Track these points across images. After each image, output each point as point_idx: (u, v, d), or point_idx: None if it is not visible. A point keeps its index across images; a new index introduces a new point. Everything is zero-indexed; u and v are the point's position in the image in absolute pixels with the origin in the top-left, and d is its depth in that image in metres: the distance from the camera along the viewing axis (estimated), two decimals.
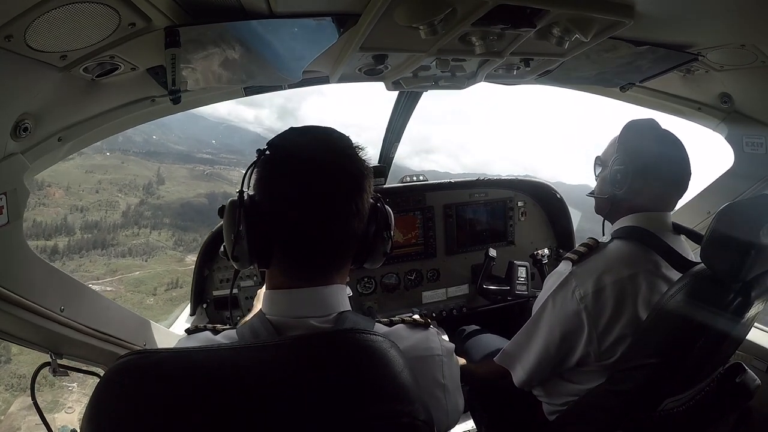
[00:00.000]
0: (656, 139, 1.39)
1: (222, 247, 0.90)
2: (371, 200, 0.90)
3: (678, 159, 1.37)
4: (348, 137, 0.89)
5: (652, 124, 1.44)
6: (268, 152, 0.84)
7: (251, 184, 0.86)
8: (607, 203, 1.48)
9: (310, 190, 0.80)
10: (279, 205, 0.82)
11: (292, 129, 0.88)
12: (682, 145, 1.38)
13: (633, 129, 1.43)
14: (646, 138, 1.39)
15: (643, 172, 1.35)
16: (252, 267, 0.89)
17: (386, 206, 0.94)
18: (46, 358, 1.35)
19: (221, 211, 0.88)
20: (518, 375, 1.43)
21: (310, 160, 0.82)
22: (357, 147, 0.88)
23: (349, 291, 2.06)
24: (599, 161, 1.54)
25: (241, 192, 0.85)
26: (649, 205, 1.38)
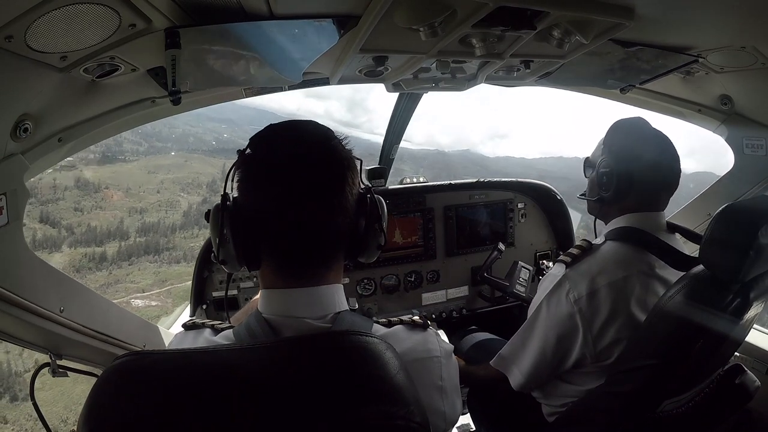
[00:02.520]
0: (642, 140, 1.38)
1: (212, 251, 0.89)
2: (361, 191, 0.87)
3: (665, 158, 1.36)
4: (329, 129, 0.87)
5: (638, 123, 1.42)
6: (248, 151, 0.83)
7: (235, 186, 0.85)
8: (597, 205, 1.48)
9: (289, 188, 0.79)
10: (260, 204, 0.81)
11: (270, 126, 0.86)
12: (670, 144, 1.37)
13: (618, 130, 1.41)
14: (631, 139, 1.38)
15: (628, 173, 1.34)
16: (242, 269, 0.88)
17: (377, 197, 0.91)
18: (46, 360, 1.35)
19: (207, 216, 0.87)
20: (515, 378, 1.42)
21: (288, 156, 0.80)
22: (338, 138, 0.86)
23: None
24: (588, 163, 1.53)
25: (224, 195, 0.84)
26: (640, 206, 1.37)
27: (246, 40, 1.14)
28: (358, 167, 0.89)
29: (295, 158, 0.80)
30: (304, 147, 0.82)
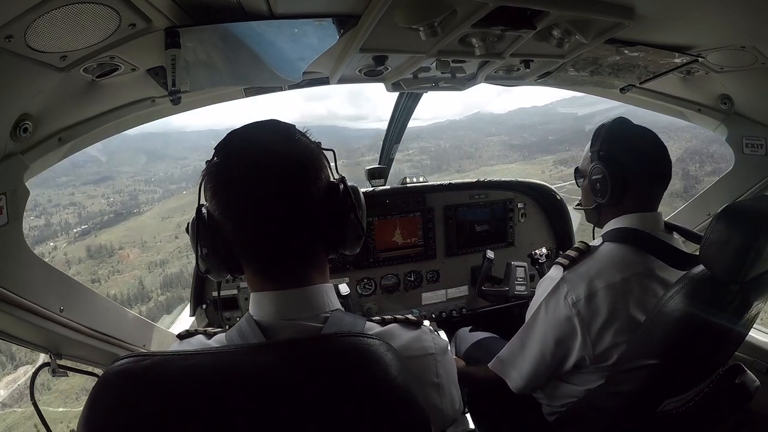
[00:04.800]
0: (629, 140, 1.37)
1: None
2: (333, 182, 0.86)
3: (654, 154, 1.36)
4: (290, 125, 0.85)
5: (622, 123, 1.41)
6: (215, 159, 0.82)
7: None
8: (595, 213, 1.47)
9: (247, 194, 0.78)
10: (225, 214, 0.81)
11: (231, 132, 0.85)
12: (657, 139, 1.37)
13: (604, 134, 1.40)
14: (618, 141, 1.37)
15: (621, 175, 1.33)
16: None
17: (351, 185, 0.88)
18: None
19: (188, 228, 0.88)
20: (514, 381, 1.42)
21: (242, 162, 0.80)
22: (301, 132, 0.85)
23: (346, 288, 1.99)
24: (579, 173, 1.52)
25: (198, 206, 0.84)
26: (636, 207, 1.36)
27: (246, 39, 1.14)
28: (330, 158, 0.88)
29: (249, 163, 0.79)
30: (259, 149, 0.81)
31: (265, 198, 0.78)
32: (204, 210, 0.84)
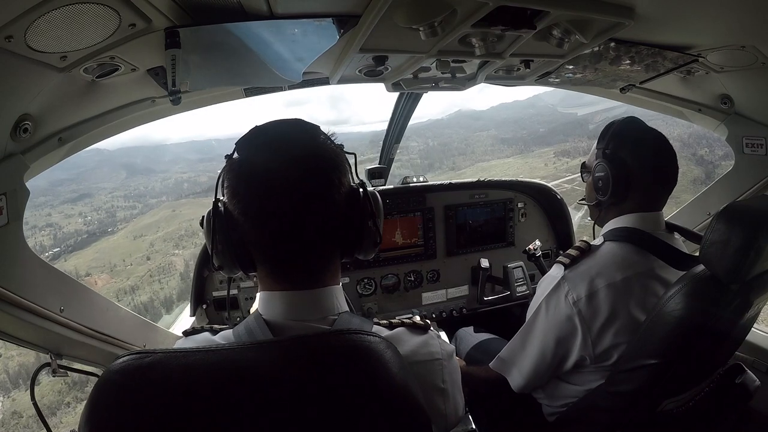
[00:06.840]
0: (635, 141, 1.36)
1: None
2: (353, 186, 0.86)
3: (661, 157, 1.35)
4: (315, 126, 0.85)
5: (631, 124, 1.40)
6: (235, 155, 0.82)
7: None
8: (596, 210, 1.47)
9: (269, 193, 0.78)
10: (244, 211, 0.80)
11: (255, 128, 0.84)
12: (666, 141, 1.36)
13: (611, 132, 1.39)
14: (624, 141, 1.36)
15: (625, 176, 1.33)
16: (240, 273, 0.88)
17: (371, 191, 0.88)
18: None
19: (202, 222, 0.88)
20: (515, 380, 1.42)
21: (267, 161, 0.79)
22: (326, 135, 0.85)
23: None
24: (585, 168, 1.52)
25: (215, 201, 0.84)
26: (638, 207, 1.36)
27: (246, 39, 1.14)
28: (351, 162, 0.87)
29: (275, 162, 0.79)
30: (285, 149, 0.81)
31: (285, 198, 0.78)
32: (220, 205, 0.84)
